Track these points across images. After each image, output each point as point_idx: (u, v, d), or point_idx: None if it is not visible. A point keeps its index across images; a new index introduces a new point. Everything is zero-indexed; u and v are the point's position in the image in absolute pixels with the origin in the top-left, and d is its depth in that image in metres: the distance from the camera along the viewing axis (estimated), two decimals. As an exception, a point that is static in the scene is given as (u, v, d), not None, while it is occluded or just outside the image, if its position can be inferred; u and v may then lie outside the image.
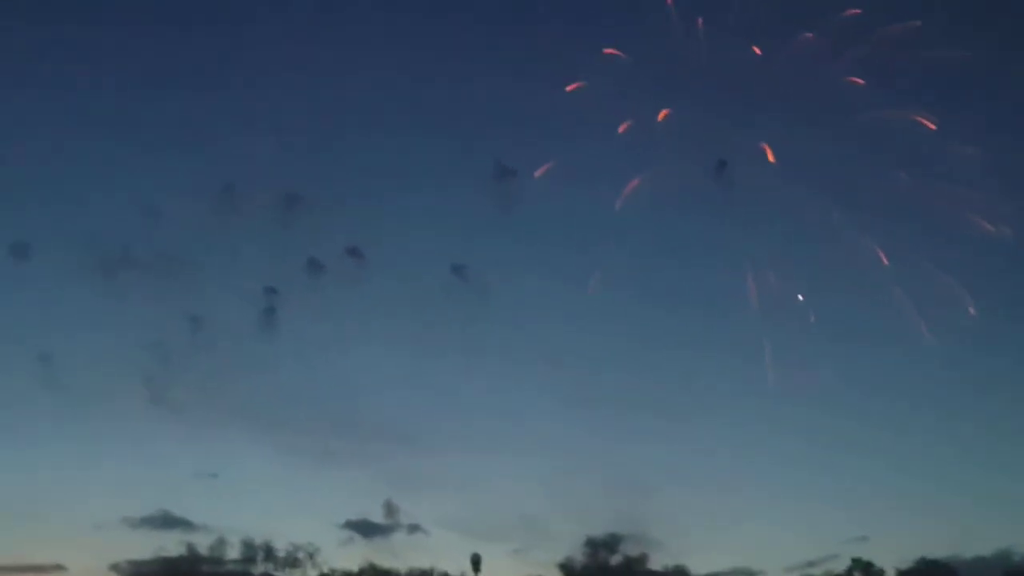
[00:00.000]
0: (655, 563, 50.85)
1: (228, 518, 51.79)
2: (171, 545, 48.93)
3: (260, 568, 49.60)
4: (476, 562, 43.62)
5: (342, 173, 50.76)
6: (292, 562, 50.70)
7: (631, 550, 50.69)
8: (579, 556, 50.48)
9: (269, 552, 50.68)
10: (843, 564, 50.69)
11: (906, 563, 50.30)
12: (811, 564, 50.63)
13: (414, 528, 51.66)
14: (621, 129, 47.33)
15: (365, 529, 51.67)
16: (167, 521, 50.28)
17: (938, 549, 50.08)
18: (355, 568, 50.33)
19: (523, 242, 54.71)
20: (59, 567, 47.95)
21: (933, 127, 47.09)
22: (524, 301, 55.63)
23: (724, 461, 54.52)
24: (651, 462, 52.99)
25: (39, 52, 53.67)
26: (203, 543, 49.76)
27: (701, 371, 55.20)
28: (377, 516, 51.69)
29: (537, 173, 47.75)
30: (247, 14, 53.45)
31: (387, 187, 54.04)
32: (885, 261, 47.98)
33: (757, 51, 47.28)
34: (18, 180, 53.29)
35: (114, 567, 48.20)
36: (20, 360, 51.33)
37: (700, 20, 47.65)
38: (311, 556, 50.80)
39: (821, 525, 53.28)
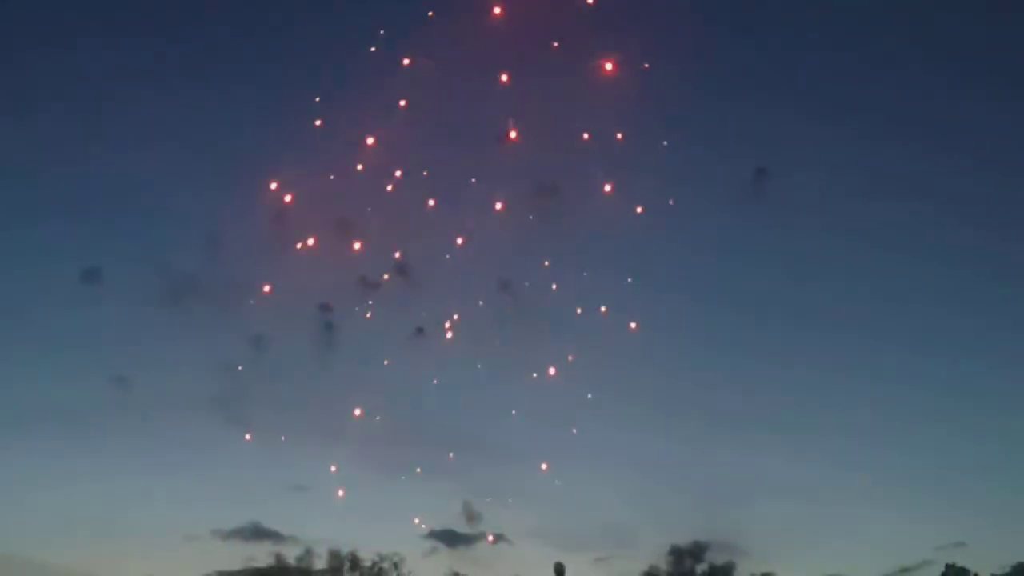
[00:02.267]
0: (742, 571, 50.62)
1: (315, 529, 51.67)
2: (260, 556, 50.55)
3: (346, 577, 50.64)
4: (560, 571, 43.10)
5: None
6: (377, 572, 51.96)
7: (717, 558, 50.53)
8: (663, 564, 50.63)
9: (355, 562, 51.97)
10: (937, 570, 50.00)
11: (1003, 569, 49.05)
12: (905, 571, 49.45)
13: (498, 537, 51.17)
14: None
15: (449, 539, 51.87)
16: (257, 532, 51.63)
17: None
18: (439, 577, 51.11)
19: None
20: (150, 577, 49.91)
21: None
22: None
23: (813, 468, 52.71)
24: (737, 469, 51.69)
25: (109, 79, 54.10)
26: (291, 554, 51.32)
27: (787, 380, 53.57)
28: (461, 526, 51.32)
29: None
30: (302, 52, 51.80)
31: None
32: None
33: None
34: (88, 207, 54.34)
35: (204, 577, 49.58)
36: (96, 380, 52.23)
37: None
38: (396, 566, 51.99)
39: (916, 531, 51.52)
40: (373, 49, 40.38)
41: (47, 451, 49.86)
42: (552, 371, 44.11)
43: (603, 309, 45.97)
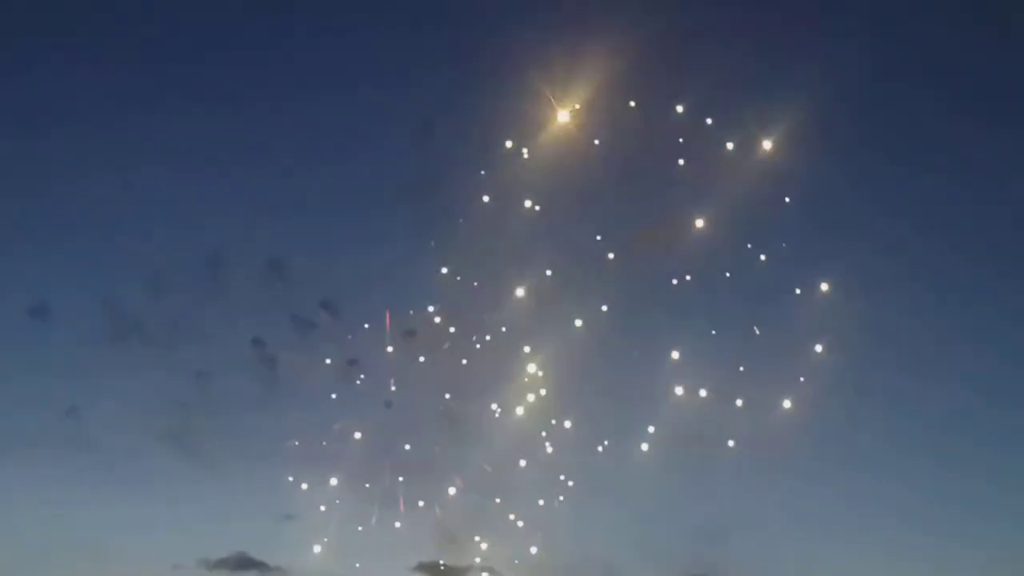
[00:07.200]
0: (736, 608, 48.54)
1: (303, 561, 48.57)
2: None
3: (334, 610, 49.84)
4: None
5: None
6: (364, 605, 50.23)
7: (709, 594, 48.77)
8: (655, 600, 48.71)
9: (342, 594, 50.44)
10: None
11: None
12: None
13: (489, 571, 47.97)
14: None
15: (438, 572, 49.08)
16: (243, 563, 49.94)
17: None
18: (428, 613, 49.45)
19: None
20: (136, 606, 49.47)
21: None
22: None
23: (811, 502, 50.69)
24: (732, 503, 48.48)
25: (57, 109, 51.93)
26: None
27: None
28: (449, 558, 48.77)
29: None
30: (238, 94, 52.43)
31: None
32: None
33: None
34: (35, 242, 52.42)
35: (190, 606, 49.22)
36: (52, 413, 50.60)
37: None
38: (382, 599, 50.15)
39: (915, 570, 49.93)
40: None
41: (9, 481, 48.89)
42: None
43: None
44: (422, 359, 46.16)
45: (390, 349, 46.15)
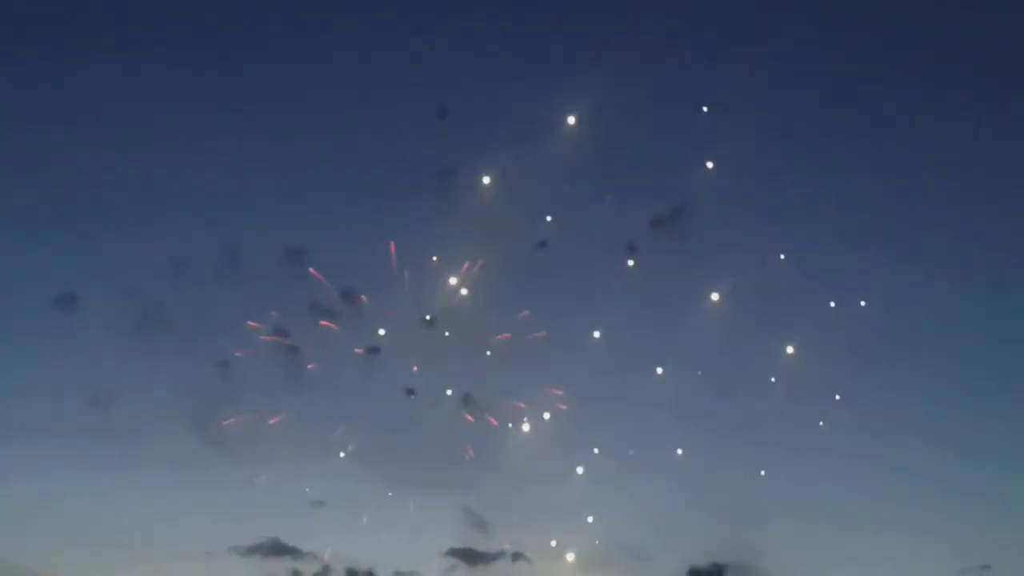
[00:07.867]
0: (762, 593, 49.17)
1: (334, 546, 50.70)
2: (279, 572, 49.78)
3: (364, 595, 50.17)
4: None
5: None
6: (395, 590, 50.78)
7: (736, 579, 49.42)
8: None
9: (373, 579, 50.93)
10: (963, 594, 48.44)
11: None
12: (929, 594, 48.44)
13: (517, 556, 49.93)
14: None
15: (469, 557, 50.08)
16: (276, 549, 50.41)
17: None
18: (458, 596, 50.08)
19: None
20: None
21: None
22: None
23: (834, 490, 51.15)
24: (757, 490, 49.51)
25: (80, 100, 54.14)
26: (309, 571, 50.10)
27: (808, 399, 50.61)
28: (481, 544, 50.08)
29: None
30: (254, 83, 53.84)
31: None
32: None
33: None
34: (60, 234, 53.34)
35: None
36: (75, 403, 50.75)
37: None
38: (414, 584, 51.07)
39: (940, 553, 49.59)
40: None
41: (41, 467, 49.29)
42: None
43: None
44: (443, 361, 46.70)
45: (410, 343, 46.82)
